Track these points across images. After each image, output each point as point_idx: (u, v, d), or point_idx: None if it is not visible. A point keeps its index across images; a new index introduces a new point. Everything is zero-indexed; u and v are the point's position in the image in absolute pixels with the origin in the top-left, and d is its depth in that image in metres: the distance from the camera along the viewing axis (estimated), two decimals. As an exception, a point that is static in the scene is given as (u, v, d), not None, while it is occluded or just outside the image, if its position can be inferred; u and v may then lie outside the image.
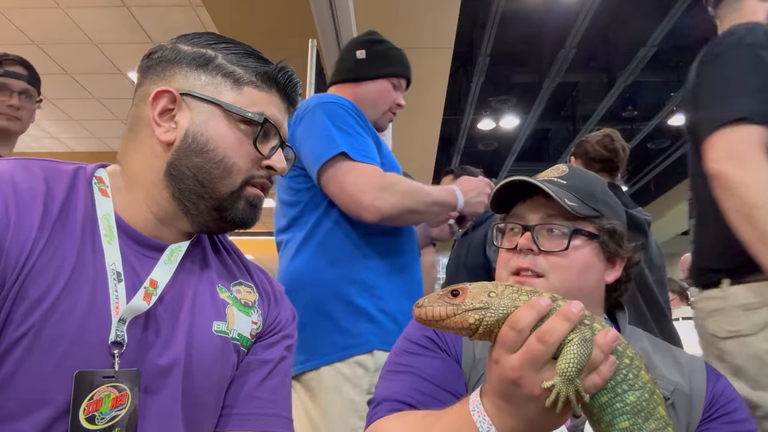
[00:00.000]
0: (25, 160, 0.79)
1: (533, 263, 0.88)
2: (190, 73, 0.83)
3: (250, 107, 0.83)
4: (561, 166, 0.96)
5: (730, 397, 0.87)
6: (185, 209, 0.82)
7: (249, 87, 0.84)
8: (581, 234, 0.88)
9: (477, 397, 0.68)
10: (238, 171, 0.83)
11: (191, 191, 0.81)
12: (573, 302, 0.63)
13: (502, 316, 0.64)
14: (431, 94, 5.10)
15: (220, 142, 0.81)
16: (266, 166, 0.86)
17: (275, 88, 0.87)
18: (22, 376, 0.69)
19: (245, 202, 0.85)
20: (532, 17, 5.58)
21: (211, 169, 0.81)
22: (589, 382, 0.61)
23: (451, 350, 0.91)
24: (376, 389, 0.91)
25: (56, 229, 0.74)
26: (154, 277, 0.79)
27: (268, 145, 0.86)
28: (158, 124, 0.81)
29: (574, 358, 0.59)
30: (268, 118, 0.84)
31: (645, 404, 0.64)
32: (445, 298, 0.66)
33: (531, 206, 0.91)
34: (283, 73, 0.87)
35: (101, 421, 0.71)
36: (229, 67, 0.84)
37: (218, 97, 0.82)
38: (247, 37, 0.90)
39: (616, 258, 0.93)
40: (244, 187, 0.84)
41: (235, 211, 0.84)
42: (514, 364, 0.62)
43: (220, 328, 0.84)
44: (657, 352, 0.92)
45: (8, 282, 0.69)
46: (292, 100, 0.91)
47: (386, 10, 4.02)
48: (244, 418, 0.85)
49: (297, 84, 0.90)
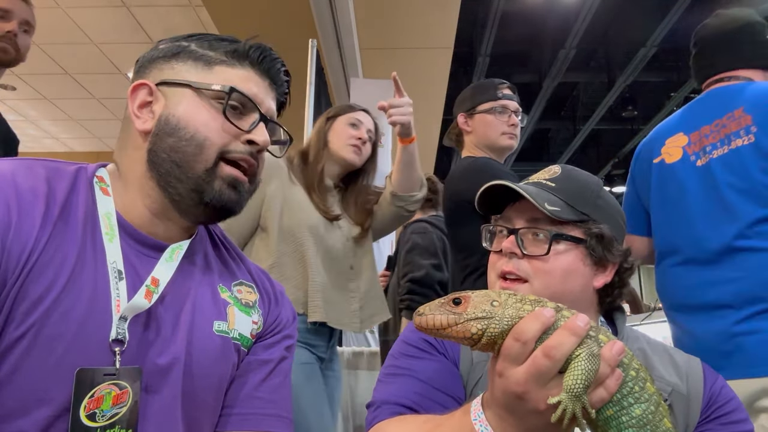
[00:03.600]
0: (27, 160, 0.79)
1: (517, 267, 0.87)
2: (164, 65, 0.85)
3: (220, 83, 0.83)
4: (554, 168, 0.95)
5: (728, 397, 0.87)
6: (169, 196, 0.82)
7: (220, 66, 0.84)
8: (564, 239, 0.87)
9: (479, 406, 0.67)
10: (210, 145, 0.81)
11: (169, 174, 0.81)
12: (579, 315, 0.62)
13: (506, 327, 0.62)
14: (431, 94, 5.10)
15: (190, 120, 0.81)
16: (247, 140, 0.84)
17: (249, 63, 0.86)
18: (22, 374, 0.69)
19: (222, 181, 0.82)
20: (532, 17, 5.59)
21: (184, 147, 0.80)
22: (596, 396, 0.60)
23: (449, 353, 0.91)
24: (375, 392, 0.90)
25: (57, 228, 0.74)
26: (155, 275, 0.79)
27: (246, 120, 0.84)
28: (137, 116, 0.83)
29: (581, 375, 0.58)
30: (239, 89, 0.83)
31: (651, 417, 0.63)
32: (446, 306, 0.65)
33: (518, 209, 0.91)
34: (254, 49, 0.86)
35: (102, 419, 0.71)
36: (200, 52, 0.85)
37: (192, 79, 0.83)
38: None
39: (606, 263, 0.90)
40: (219, 164, 0.82)
41: (213, 192, 0.81)
42: (519, 379, 0.60)
43: (220, 328, 0.84)
44: (654, 353, 0.92)
45: (9, 282, 0.69)
46: (273, 77, 0.89)
47: (386, 10, 4.02)
48: (243, 418, 0.85)
49: (276, 60, 0.89)
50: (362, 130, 1.81)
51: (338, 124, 1.82)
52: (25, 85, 5.66)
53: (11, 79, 5.53)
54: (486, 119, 1.82)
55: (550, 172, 0.94)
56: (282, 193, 1.70)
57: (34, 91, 5.81)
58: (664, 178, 1.59)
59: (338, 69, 4.67)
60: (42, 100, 6.04)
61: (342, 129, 1.81)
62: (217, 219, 0.88)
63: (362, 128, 1.82)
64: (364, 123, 1.83)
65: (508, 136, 1.81)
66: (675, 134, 1.60)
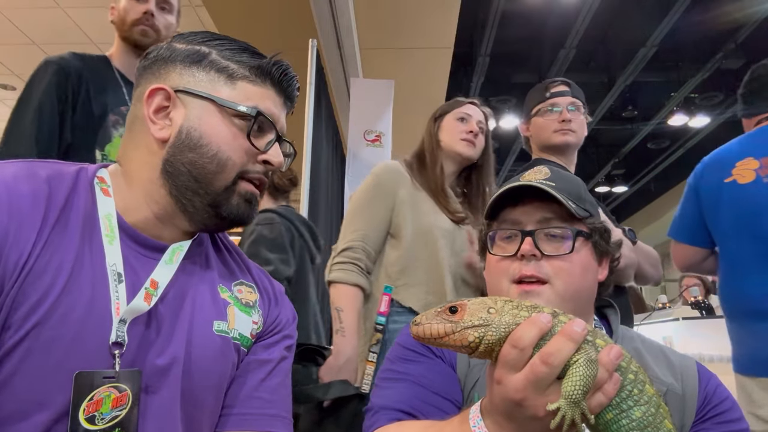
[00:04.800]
0: (29, 162, 0.79)
1: (537, 269, 0.85)
2: (185, 71, 0.83)
3: (243, 101, 0.83)
4: (543, 169, 0.94)
5: (723, 396, 0.87)
6: (182, 207, 0.82)
7: (243, 81, 0.84)
8: (580, 235, 0.87)
9: (477, 413, 0.67)
10: (232, 165, 0.82)
11: (186, 187, 0.81)
12: (575, 321, 0.62)
13: (503, 334, 0.62)
14: (431, 94, 5.10)
15: (213, 137, 0.81)
16: (263, 161, 0.85)
17: (270, 82, 0.86)
18: (21, 378, 0.68)
19: (239, 197, 0.84)
20: (532, 17, 5.58)
21: (205, 164, 0.81)
22: (594, 401, 0.60)
23: (446, 356, 0.91)
24: (372, 397, 0.90)
25: (55, 231, 0.74)
26: (154, 278, 0.79)
27: (263, 140, 0.85)
28: (153, 122, 0.82)
29: (579, 381, 0.58)
30: (263, 111, 0.84)
31: (651, 419, 0.62)
32: (443, 315, 0.64)
33: (526, 211, 0.89)
34: (277, 67, 0.86)
35: (101, 422, 0.70)
36: (223, 63, 0.84)
37: (212, 92, 0.82)
38: (247, 37, 0.90)
39: (606, 256, 0.92)
40: (237, 182, 0.83)
41: (230, 207, 0.83)
42: (518, 386, 0.60)
43: (220, 328, 0.84)
44: (649, 353, 0.91)
45: (6, 287, 0.69)
46: (289, 95, 0.90)
47: (386, 10, 4.01)
48: (243, 418, 0.85)
49: (293, 78, 0.89)
50: (472, 123, 1.78)
51: (447, 121, 1.80)
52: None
53: (11, 79, 5.53)
54: (537, 122, 1.82)
55: (542, 173, 0.93)
56: (410, 199, 1.70)
57: (34, 91, 5.81)
58: (738, 198, 1.74)
59: (338, 69, 4.67)
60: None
61: (452, 125, 1.79)
62: (228, 229, 0.89)
63: (472, 121, 1.79)
64: (473, 116, 1.80)
65: (560, 132, 1.77)
66: (744, 158, 1.76)
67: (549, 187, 0.87)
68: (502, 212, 0.92)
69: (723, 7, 5.21)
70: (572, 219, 0.87)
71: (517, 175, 0.98)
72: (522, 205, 0.90)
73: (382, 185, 1.71)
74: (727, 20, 5.33)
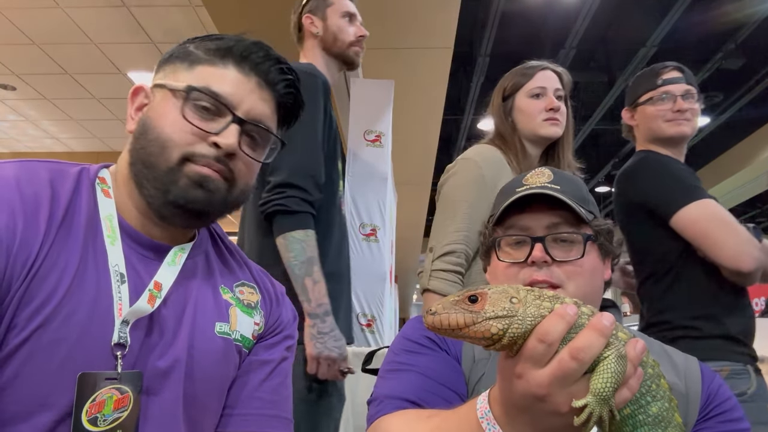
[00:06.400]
0: (29, 162, 0.79)
1: (549, 275, 0.85)
2: (163, 67, 0.85)
3: (196, 83, 0.80)
4: (546, 171, 0.93)
5: (725, 396, 0.87)
6: (145, 197, 0.81)
7: (202, 65, 0.82)
8: (589, 239, 0.88)
9: (485, 403, 0.65)
10: (173, 146, 0.78)
11: (141, 175, 0.80)
12: (604, 314, 0.59)
13: (529, 326, 0.58)
14: (431, 94, 5.09)
15: (158, 121, 0.80)
16: (213, 143, 0.79)
17: (232, 62, 0.82)
18: (24, 379, 0.69)
19: (187, 179, 0.78)
20: (532, 17, 5.58)
21: (149, 147, 0.79)
22: (620, 397, 0.58)
23: (451, 350, 0.90)
24: (376, 388, 0.89)
25: (60, 232, 0.74)
26: (158, 280, 0.79)
27: (218, 122, 0.80)
28: (131, 118, 0.84)
29: (612, 377, 0.55)
30: (207, 89, 0.80)
31: (665, 414, 0.61)
32: (462, 304, 0.60)
33: (533, 216, 0.88)
34: (238, 45, 0.83)
35: (103, 423, 0.71)
36: (188, 51, 0.84)
37: (172, 81, 0.82)
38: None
39: (609, 256, 0.93)
40: (184, 164, 0.79)
41: (178, 191, 0.78)
42: (542, 381, 0.57)
43: (222, 329, 0.84)
44: (652, 353, 0.91)
45: (13, 288, 0.69)
46: (263, 75, 0.84)
47: (386, 10, 4.01)
48: (244, 418, 0.86)
49: (266, 56, 0.84)
50: (550, 96, 1.60)
51: (520, 101, 1.62)
52: (25, 85, 5.65)
53: (11, 79, 5.53)
54: (646, 111, 1.68)
55: (545, 175, 0.92)
56: None
57: (34, 91, 5.81)
58: None
59: (338, 69, 4.65)
60: (42, 100, 6.03)
61: (527, 105, 1.61)
62: (191, 220, 0.84)
63: (549, 93, 1.60)
64: (548, 87, 1.61)
65: (675, 123, 1.63)
66: None
67: (555, 191, 0.87)
68: (508, 217, 0.91)
69: (723, 7, 5.20)
70: (579, 222, 0.88)
71: (518, 176, 0.98)
72: (529, 210, 0.89)
73: (486, 181, 1.53)
74: (727, 20, 5.32)
